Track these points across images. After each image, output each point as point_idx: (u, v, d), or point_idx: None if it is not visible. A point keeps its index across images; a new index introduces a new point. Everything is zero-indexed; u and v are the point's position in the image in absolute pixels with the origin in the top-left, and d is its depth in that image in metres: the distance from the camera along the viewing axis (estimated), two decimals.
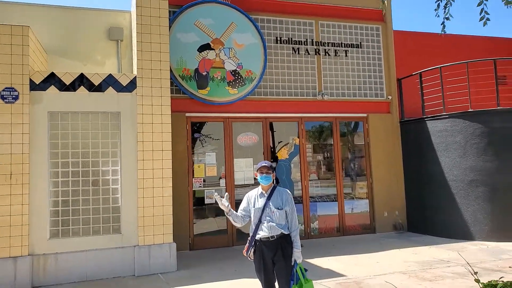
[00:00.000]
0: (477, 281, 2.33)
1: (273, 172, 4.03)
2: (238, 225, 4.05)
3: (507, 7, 3.83)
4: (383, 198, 9.50)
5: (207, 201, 8.38)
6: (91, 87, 6.59)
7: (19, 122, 6.16)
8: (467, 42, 11.44)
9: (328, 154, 9.54)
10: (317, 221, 9.09)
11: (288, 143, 9.19)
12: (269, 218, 3.89)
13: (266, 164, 4.01)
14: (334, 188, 9.34)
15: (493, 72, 8.53)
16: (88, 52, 8.24)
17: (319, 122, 9.48)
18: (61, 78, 6.48)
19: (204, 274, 6.36)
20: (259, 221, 3.91)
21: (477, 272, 2.51)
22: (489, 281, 2.36)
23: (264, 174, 3.96)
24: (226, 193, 4.11)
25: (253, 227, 3.95)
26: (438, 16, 4.38)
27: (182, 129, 8.23)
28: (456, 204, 8.52)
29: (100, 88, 6.62)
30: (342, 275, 6.07)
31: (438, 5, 4.36)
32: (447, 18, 4.24)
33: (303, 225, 8.95)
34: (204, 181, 8.43)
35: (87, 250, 6.31)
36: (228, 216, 3.98)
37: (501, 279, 2.51)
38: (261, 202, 3.95)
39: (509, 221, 8.02)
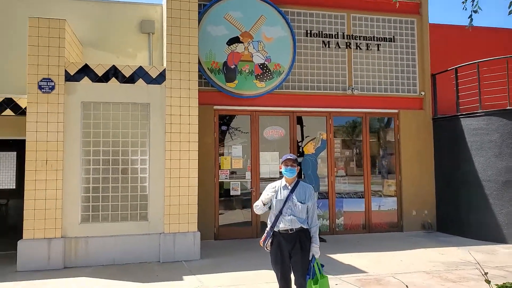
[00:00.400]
0: (488, 281, 2.28)
1: (297, 166, 4.05)
2: (258, 213, 4.14)
3: None
4: (412, 196, 9.25)
5: (232, 192, 8.50)
6: (122, 79, 6.82)
7: (55, 112, 6.48)
8: (507, 35, 10.84)
9: (357, 150, 9.39)
10: (343, 217, 9.00)
11: (315, 138, 9.11)
12: (290, 210, 3.92)
13: (291, 157, 4.04)
14: (362, 185, 9.20)
15: None
16: (121, 45, 8.51)
17: (348, 117, 9.34)
18: (94, 70, 6.74)
19: (226, 263, 6.49)
20: (280, 213, 3.95)
21: (487, 272, 2.44)
22: (504, 283, 2.29)
23: (289, 167, 4.00)
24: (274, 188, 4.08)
25: (273, 218, 3.99)
26: (466, 9, 4.21)
27: (210, 122, 8.36)
28: (489, 205, 8.17)
29: (130, 80, 6.84)
30: (363, 272, 6.00)
31: None
32: (475, 11, 4.06)
33: (328, 221, 8.89)
34: (230, 173, 8.54)
35: (116, 235, 6.58)
36: (262, 204, 4.03)
37: None
38: (284, 194, 3.98)
39: None
